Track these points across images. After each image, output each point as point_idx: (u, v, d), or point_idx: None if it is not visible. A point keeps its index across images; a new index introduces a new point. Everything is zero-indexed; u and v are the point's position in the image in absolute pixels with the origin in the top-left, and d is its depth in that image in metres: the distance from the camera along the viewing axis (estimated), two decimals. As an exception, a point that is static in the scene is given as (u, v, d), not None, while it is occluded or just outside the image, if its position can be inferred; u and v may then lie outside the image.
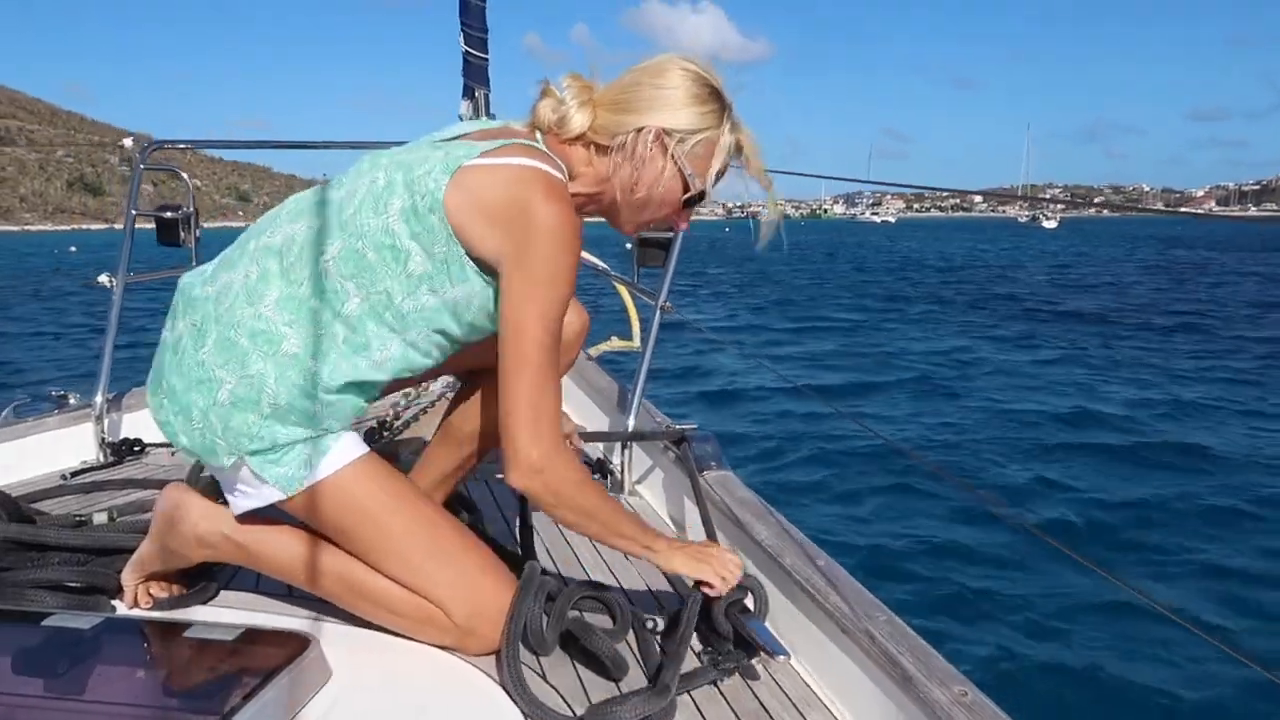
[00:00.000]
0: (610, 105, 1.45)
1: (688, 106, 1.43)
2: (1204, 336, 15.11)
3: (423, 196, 1.35)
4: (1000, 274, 31.53)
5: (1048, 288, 24.67)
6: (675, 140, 1.44)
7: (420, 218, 1.35)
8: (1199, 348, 13.80)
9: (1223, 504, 6.47)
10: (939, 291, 24.14)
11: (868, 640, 1.33)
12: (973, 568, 5.28)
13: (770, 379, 10.20)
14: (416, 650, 1.45)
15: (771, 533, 1.72)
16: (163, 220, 2.94)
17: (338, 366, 1.38)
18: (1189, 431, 8.67)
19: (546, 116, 1.46)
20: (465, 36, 3.32)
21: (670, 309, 2.52)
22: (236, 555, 1.51)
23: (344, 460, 1.41)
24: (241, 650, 1.32)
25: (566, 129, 1.45)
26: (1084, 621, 4.62)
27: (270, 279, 1.40)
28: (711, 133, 1.46)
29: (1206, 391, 10.49)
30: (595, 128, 1.45)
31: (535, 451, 1.33)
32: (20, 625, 1.41)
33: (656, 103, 1.43)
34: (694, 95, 1.44)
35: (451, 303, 1.40)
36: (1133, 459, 7.65)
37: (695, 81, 1.45)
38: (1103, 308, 19.42)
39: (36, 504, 2.10)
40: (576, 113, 1.44)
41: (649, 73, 1.45)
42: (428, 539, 1.44)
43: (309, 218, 1.42)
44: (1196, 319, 17.42)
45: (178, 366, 1.42)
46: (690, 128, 1.44)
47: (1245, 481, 7.00)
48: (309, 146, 3.68)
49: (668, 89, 1.43)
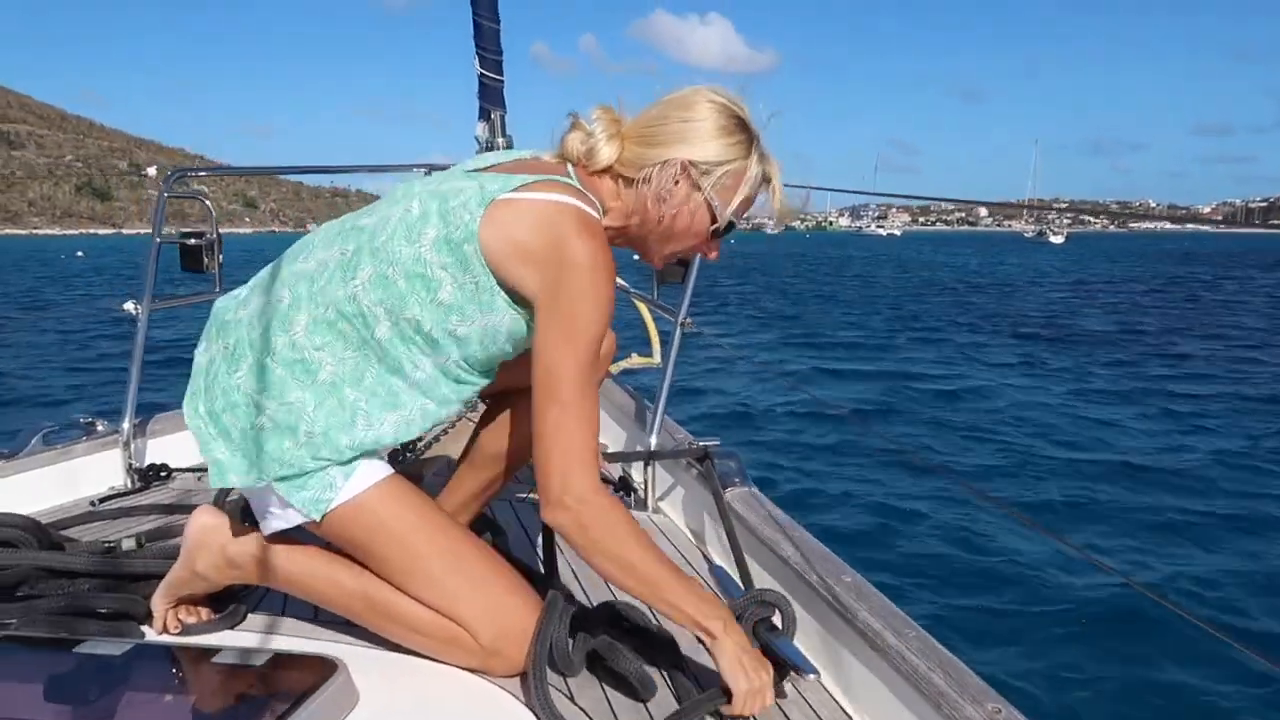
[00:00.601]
0: (638, 138, 1.46)
1: (715, 139, 1.43)
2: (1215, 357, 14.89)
3: (457, 228, 1.36)
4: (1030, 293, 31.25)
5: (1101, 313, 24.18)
6: (701, 172, 1.43)
7: (454, 248, 1.36)
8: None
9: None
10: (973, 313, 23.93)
11: (898, 657, 1.31)
12: (1008, 586, 5.21)
13: (786, 392, 10.16)
14: (444, 673, 1.45)
15: (797, 549, 1.71)
16: (186, 247, 2.97)
17: (374, 391, 1.41)
18: (1211, 441, 8.56)
19: (575, 149, 1.47)
20: (480, 59, 3.34)
21: (690, 325, 2.52)
22: (264, 577, 1.52)
23: (368, 482, 1.42)
24: (270, 675, 1.32)
25: (594, 161, 1.46)
26: (1119, 637, 4.54)
27: (300, 303, 1.42)
28: (739, 164, 1.45)
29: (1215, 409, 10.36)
30: (622, 160, 1.46)
31: (568, 494, 1.30)
32: (52, 652, 1.43)
33: (683, 135, 1.43)
34: (721, 127, 1.44)
35: (480, 331, 1.41)
36: (1165, 476, 7.56)
37: (722, 113, 1.44)
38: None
39: (66, 530, 2.11)
40: (605, 145, 1.45)
41: (676, 105, 1.45)
42: (452, 560, 1.44)
43: (341, 244, 1.44)
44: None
45: (209, 390, 1.44)
46: (717, 160, 1.43)
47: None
48: (328, 171, 3.72)
49: (694, 121, 1.43)
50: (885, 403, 10.49)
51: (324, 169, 3.63)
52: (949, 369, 12.63)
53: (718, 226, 1.49)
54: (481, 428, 1.75)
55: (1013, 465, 7.80)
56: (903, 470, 7.26)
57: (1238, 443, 8.62)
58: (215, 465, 1.43)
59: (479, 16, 3.24)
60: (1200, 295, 29.24)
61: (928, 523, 6.21)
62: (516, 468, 1.76)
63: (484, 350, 1.44)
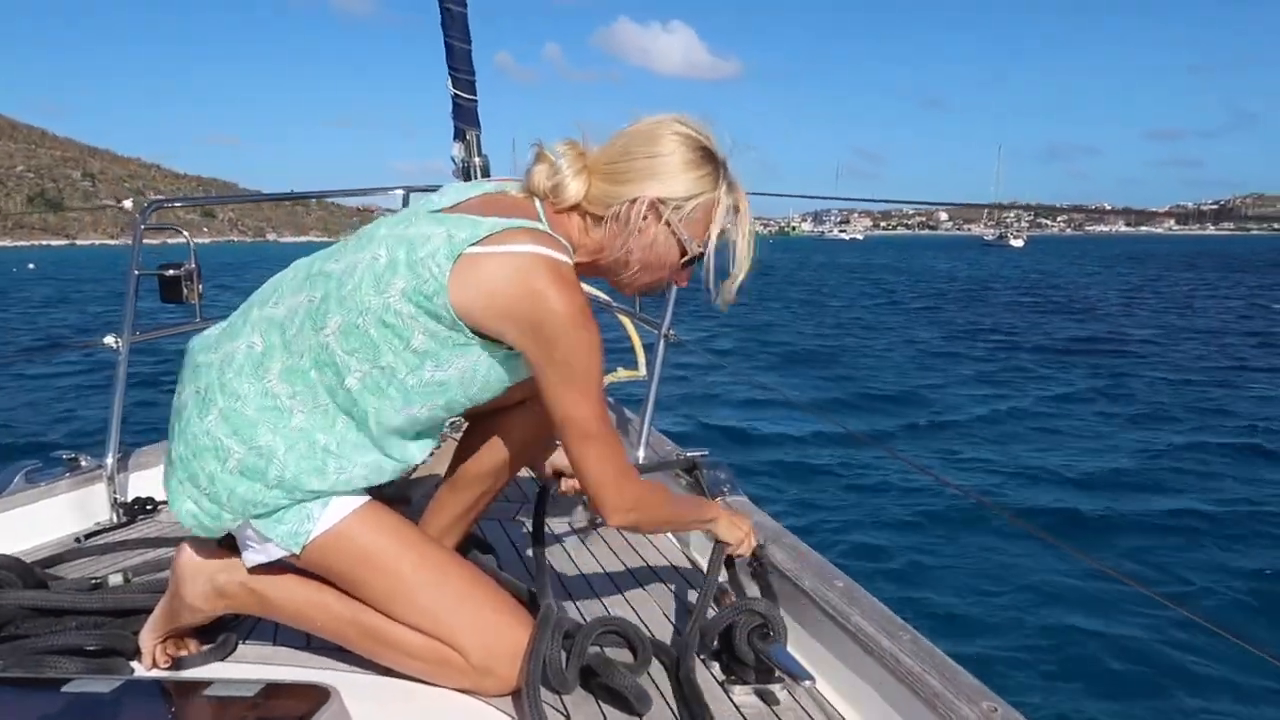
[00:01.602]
0: (604, 175, 1.44)
1: (682, 173, 1.42)
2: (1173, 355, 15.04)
3: (426, 281, 1.34)
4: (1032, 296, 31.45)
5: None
6: (670, 209, 1.42)
7: (423, 301, 1.35)
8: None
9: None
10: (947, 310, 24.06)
11: (893, 659, 1.31)
12: (1000, 586, 5.23)
13: (767, 399, 10.18)
14: (437, 695, 1.44)
15: (789, 556, 1.71)
16: (165, 278, 2.95)
17: (345, 438, 1.40)
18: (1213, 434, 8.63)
19: (541, 183, 1.45)
20: (453, 80, 3.35)
21: (674, 337, 2.52)
22: (253, 605, 1.51)
23: (346, 510, 1.42)
24: (263, 705, 1.31)
25: (561, 199, 1.44)
26: (1112, 634, 4.57)
27: (274, 352, 1.40)
28: (707, 197, 1.43)
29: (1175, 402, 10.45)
30: (590, 198, 1.44)
31: (626, 505, 1.46)
32: (40, 692, 1.40)
33: (650, 171, 1.41)
34: (687, 161, 1.42)
35: (458, 375, 1.40)
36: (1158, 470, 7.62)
37: (688, 145, 1.43)
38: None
39: (51, 569, 2.09)
40: (571, 182, 1.43)
41: (641, 140, 1.43)
42: (438, 582, 1.44)
43: (309, 290, 1.42)
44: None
45: (182, 433, 1.44)
46: (685, 195, 1.42)
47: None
48: (302, 197, 3.71)
49: (661, 156, 1.41)
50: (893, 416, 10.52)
51: (300, 196, 3.62)
52: (990, 389, 12.50)
53: (689, 258, 1.48)
54: (464, 448, 1.74)
55: (1006, 467, 7.84)
56: (895, 477, 7.28)
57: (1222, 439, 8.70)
58: (190, 517, 1.42)
59: (450, 38, 3.25)
60: (1162, 293, 29.48)
61: (918, 527, 6.23)
62: (501, 487, 1.75)
63: (464, 392, 1.43)
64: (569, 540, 2.23)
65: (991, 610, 4.89)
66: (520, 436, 1.68)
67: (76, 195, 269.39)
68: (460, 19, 3.21)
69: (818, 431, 8.73)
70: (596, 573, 2.02)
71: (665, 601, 1.85)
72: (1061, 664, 4.29)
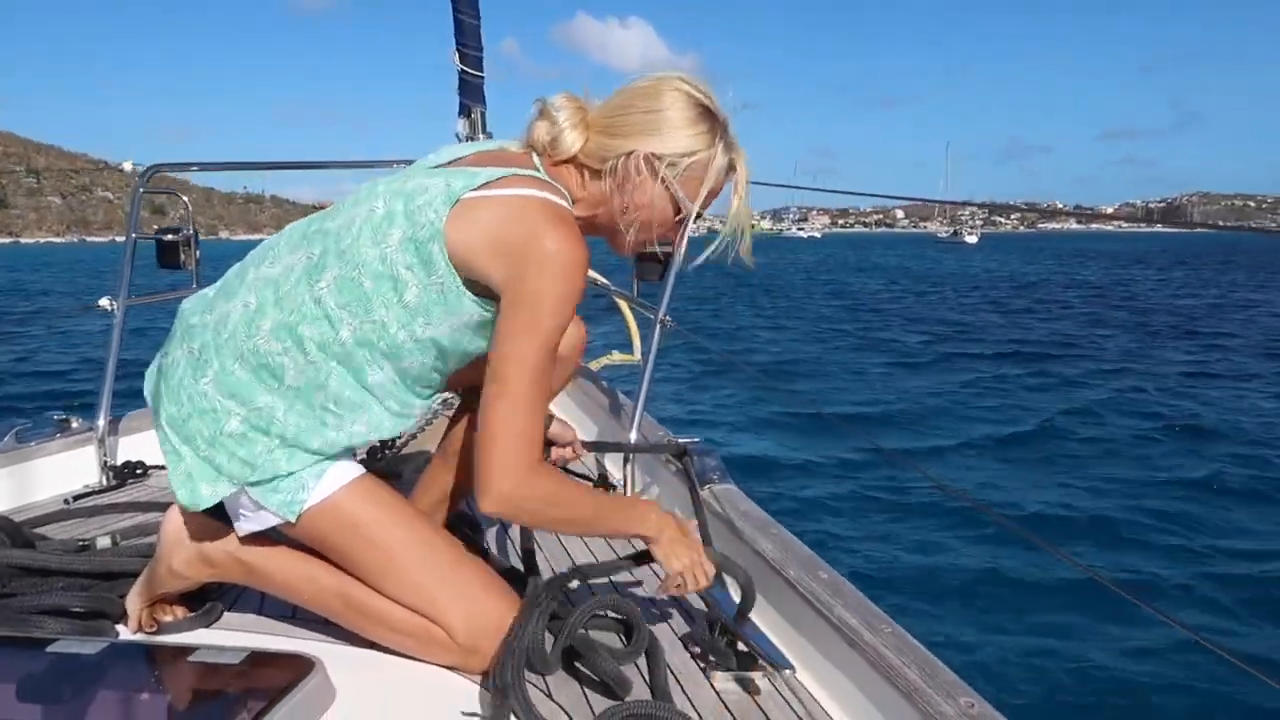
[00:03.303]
0: (602, 128, 1.43)
1: (680, 129, 1.41)
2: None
3: (422, 227, 1.34)
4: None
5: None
6: (665, 164, 1.40)
7: (419, 247, 1.35)
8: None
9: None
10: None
11: (874, 652, 1.32)
12: (981, 582, 5.27)
13: (762, 390, 10.19)
14: (421, 670, 1.45)
15: (774, 545, 1.72)
16: (163, 243, 2.94)
17: (340, 395, 1.39)
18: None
19: (540, 137, 1.45)
20: (460, 55, 3.34)
21: (670, 323, 2.52)
22: (241, 574, 1.52)
23: (340, 482, 1.42)
24: (247, 673, 1.31)
25: (559, 151, 1.44)
26: (1089, 631, 4.60)
27: (265, 309, 1.40)
28: (703, 154, 1.42)
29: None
30: (586, 150, 1.44)
31: (506, 483, 1.31)
32: (25, 651, 1.41)
33: (647, 126, 1.40)
34: (686, 118, 1.41)
35: (448, 331, 1.40)
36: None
37: (688, 102, 1.42)
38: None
39: (39, 529, 2.09)
40: (568, 133, 1.43)
41: (641, 94, 1.43)
42: (426, 558, 1.44)
43: (307, 248, 1.42)
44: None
45: (173, 393, 1.42)
46: (681, 151, 1.41)
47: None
48: (308, 166, 3.69)
49: (659, 111, 1.41)
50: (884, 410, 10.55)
51: (311, 165, 3.59)
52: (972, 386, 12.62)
53: (684, 216, 1.47)
54: (455, 423, 1.74)
55: (985, 461, 7.87)
56: (882, 470, 7.31)
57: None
58: (185, 480, 1.39)
59: (460, 13, 3.23)
60: (1111, 291, 29.62)
61: (904, 523, 6.26)
62: None
63: (454, 346, 1.43)
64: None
65: (973, 608, 4.92)
66: None
67: (20, 192, 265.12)
68: (470, -6, 3.19)
69: (806, 429, 8.75)
70: (579, 548, 2.03)
71: (653, 581, 1.86)
72: (1041, 664, 4.32)
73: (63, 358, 12.95)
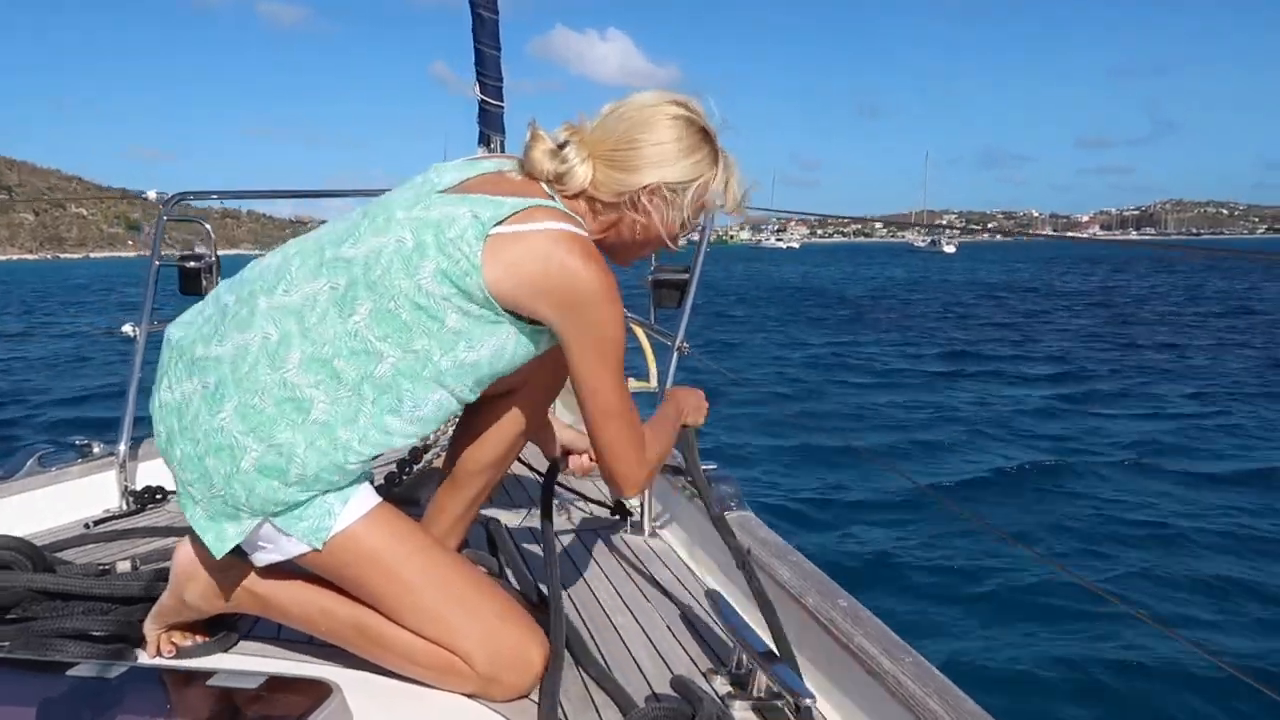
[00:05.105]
0: (609, 163, 1.48)
1: (685, 158, 1.48)
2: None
3: (458, 262, 1.36)
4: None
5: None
6: (673, 191, 1.49)
7: (456, 280, 1.36)
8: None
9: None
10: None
11: (894, 681, 1.31)
12: (1001, 609, 5.20)
13: (781, 417, 10.16)
14: (439, 697, 1.44)
15: (793, 573, 1.71)
16: (185, 270, 2.98)
17: (367, 433, 1.38)
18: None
19: (544, 167, 1.48)
20: (481, 85, 3.38)
21: (687, 350, 2.53)
22: (255, 606, 1.51)
23: (359, 512, 1.41)
24: (265, 698, 1.31)
25: (569, 186, 1.48)
26: (1110, 661, 4.54)
27: (291, 340, 1.38)
28: (707, 177, 1.52)
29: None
30: (596, 184, 1.48)
31: (639, 479, 1.54)
32: (45, 675, 1.42)
33: (655, 160, 1.47)
34: (689, 147, 1.49)
35: (489, 354, 1.42)
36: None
37: (688, 130, 1.49)
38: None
39: (60, 553, 2.11)
40: (579, 168, 1.47)
41: (640, 127, 1.47)
42: (444, 589, 1.43)
43: (329, 276, 1.40)
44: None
45: (187, 431, 1.38)
46: (691, 178, 1.49)
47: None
48: (328, 195, 3.74)
49: (665, 144, 1.47)
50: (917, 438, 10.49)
51: (329, 194, 3.65)
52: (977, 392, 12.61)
53: (687, 231, 1.58)
54: (459, 444, 1.73)
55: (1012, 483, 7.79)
56: (901, 492, 7.25)
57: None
58: (207, 524, 1.38)
59: (480, 44, 3.28)
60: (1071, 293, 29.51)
61: (922, 548, 6.20)
62: (499, 479, 1.77)
63: (492, 369, 1.45)
64: (571, 543, 2.24)
65: (996, 638, 4.86)
66: (512, 428, 1.69)
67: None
68: (491, 25, 3.24)
69: (831, 447, 8.71)
70: (600, 578, 2.02)
71: (669, 612, 1.85)
72: (1064, 691, 4.26)
73: (87, 383, 13.09)
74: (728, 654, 1.60)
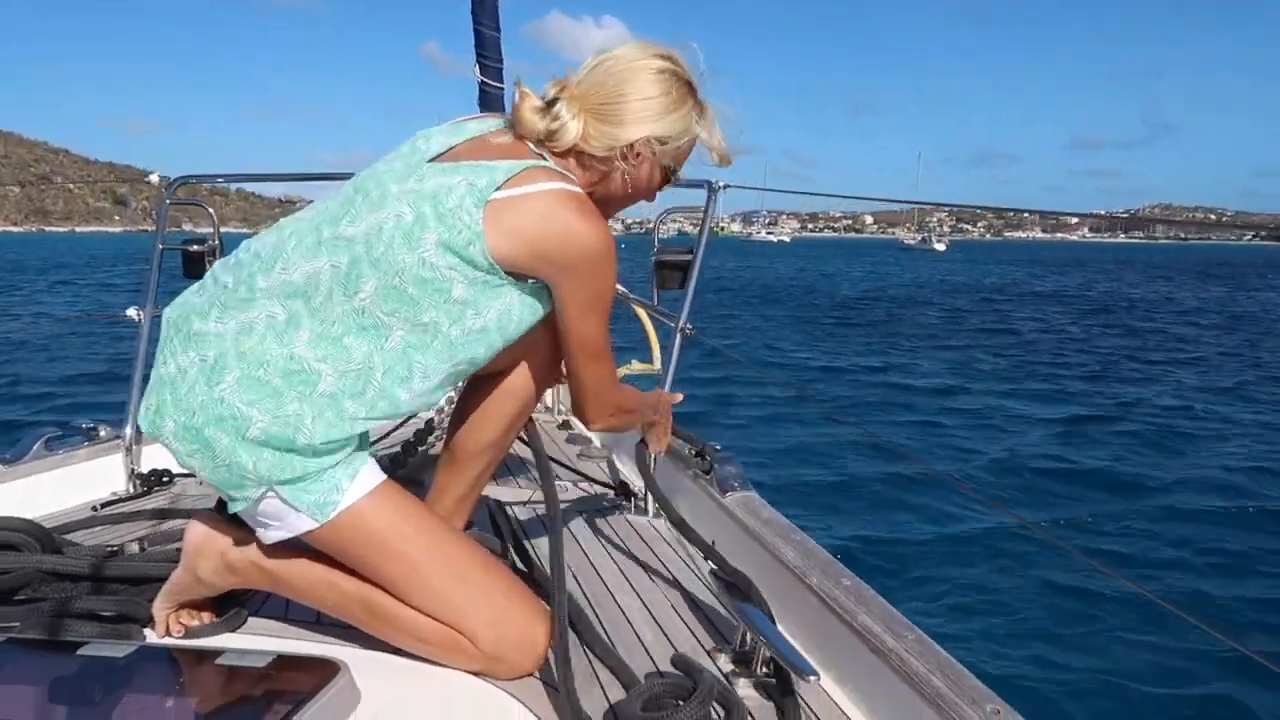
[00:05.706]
0: (598, 116, 1.49)
1: (673, 112, 1.52)
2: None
3: (459, 231, 1.37)
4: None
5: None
6: (662, 144, 1.53)
7: (459, 250, 1.37)
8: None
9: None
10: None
11: (897, 659, 1.32)
12: (1005, 588, 5.23)
13: (786, 396, 10.17)
14: (447, 675, 1.45)
15: (797, 553, 1.71)
16: (189, 254, 2.98)
17: (375, 404, 1.40)
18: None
19: (534, 125, 1.48)
20: (481, 67, 3.36)
21: (690, 331, 2.53)
22: (265, 581, 1.53)
23: (365, 489, 1.42)
24: (273, 677, 1.33)
25: (560, 143, 1.49)
26: (1117, 638, 4.56)
27: (299, 319, 1.38)
28: (693, 129, 1.56)
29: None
30: (586, 138, 1.50)
31: (608, 412, 1.65)
32: (56, 654, 1.43)
33: (643, 114, 1.50)
34: (676, 100, 1.52)
35: (495, 319, 1.44)
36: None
37: (673, 83, 1.52)
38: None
39: (68, 535, 2.12)
40: (571, 125, 1.48)
41: (629, 80, 1.50)
42: (448, 567, 1.44)
43: (329, 255, 1.40)
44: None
45: (181, 403, 1.37)
46: (678, 132, 1.54)
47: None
48: (330, 178, 3.72)
49: (653, 99, 1.50)
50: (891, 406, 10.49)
51: (330, 176, 3.62)
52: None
53: (671, 181, 1.63)
54: (458, 425, 1.74)
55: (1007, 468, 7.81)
56: (903, 473, 7.26)
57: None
58: (208, 481, 1.41)
59: (480, 25, 3.25)
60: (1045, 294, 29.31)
61: (925, 525, 6.22)
62: (500, 459, 1.77)
63: (501, 334, 1.47)
64: (575, 523, 2.25)
65: (997, 613, 4.88)
66: (511, 406, 1.70)
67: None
68: (491, 6, 3.22)
69: (828, 428, 8.72)
70: (605, 560, 2.03)
71: (675, 596, 1.86)
72: (1068, 670, 4.28)
73: (89, 366, 13.12)
74: (731, 632, 1.62)
